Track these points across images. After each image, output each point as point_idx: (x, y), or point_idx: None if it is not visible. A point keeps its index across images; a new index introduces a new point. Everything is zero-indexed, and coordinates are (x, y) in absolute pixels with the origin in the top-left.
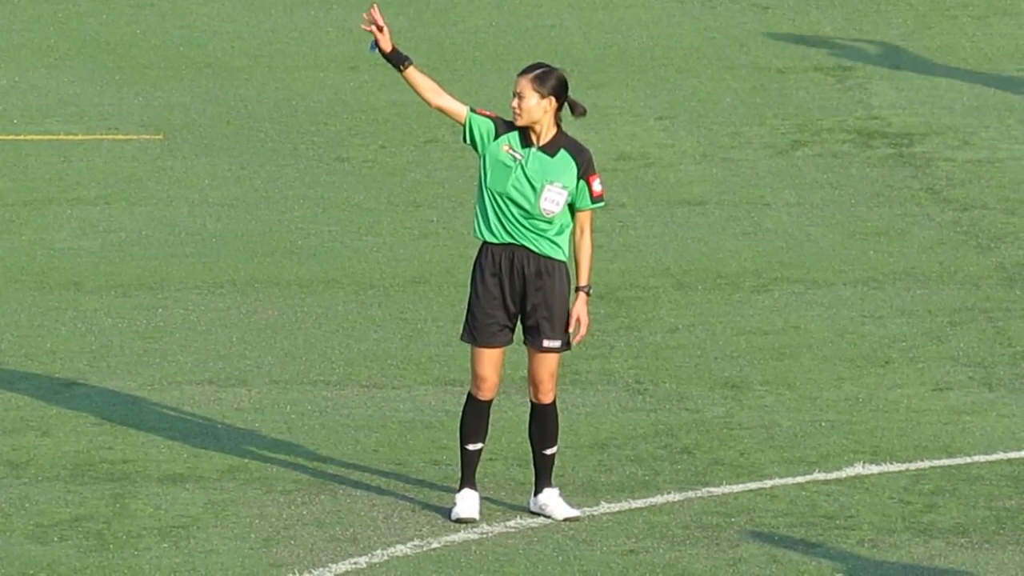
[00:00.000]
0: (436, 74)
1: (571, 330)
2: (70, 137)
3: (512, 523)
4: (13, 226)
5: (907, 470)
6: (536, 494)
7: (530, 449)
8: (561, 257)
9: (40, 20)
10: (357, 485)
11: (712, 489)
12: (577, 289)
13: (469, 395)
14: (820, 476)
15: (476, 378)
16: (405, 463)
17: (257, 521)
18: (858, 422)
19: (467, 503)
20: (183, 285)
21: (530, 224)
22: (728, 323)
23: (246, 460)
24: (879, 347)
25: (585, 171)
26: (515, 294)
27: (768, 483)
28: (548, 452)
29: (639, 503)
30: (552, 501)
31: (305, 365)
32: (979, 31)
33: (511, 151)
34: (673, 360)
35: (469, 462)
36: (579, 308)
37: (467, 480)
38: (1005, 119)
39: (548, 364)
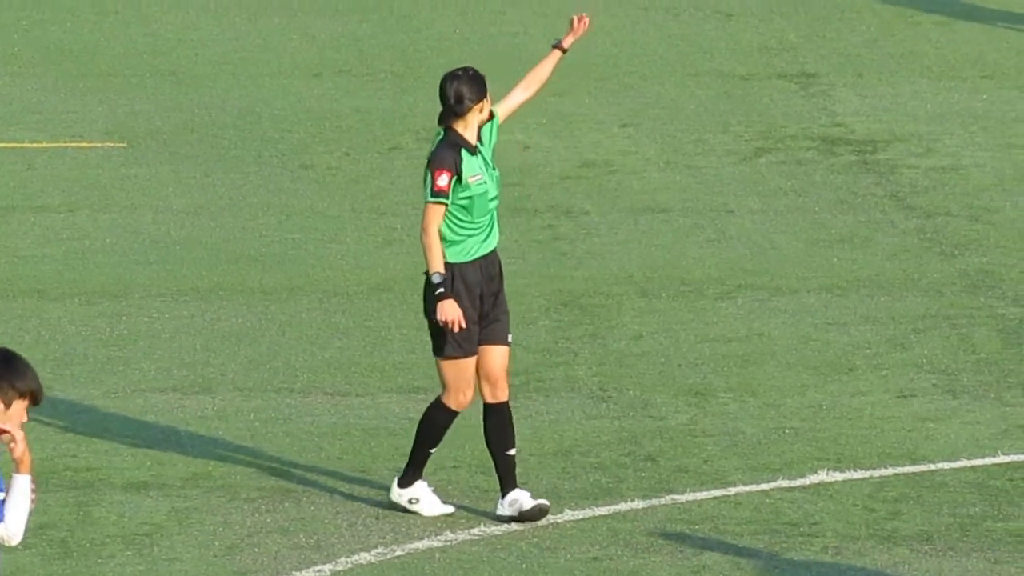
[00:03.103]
0: (400, 81)
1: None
2: (34, 145)
3: (476, 531)
4: None
5: (871, 477)
6: (504, 496)
7: (491, 456)
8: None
9: (3, 28)
10: (321, 492)
11: (676, 496)
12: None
13: (446, 408)
14: (784, 483)
15: (460, 392)
16: (369, 470)
17: (221, 529)
18: (822, 429)
19: (430, 499)
20: (147, 293)
21: (496, 205)
22: (692, 330)
23: (210, 468)
24: (843, 354)
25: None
26: (488, 298)
27: (732, 490)
28: (511, 453)
29: (603, 510)
30: (521, 496)
31: (269, 372)
32: (942, 38)
33: (476, 176)
34: (637, 367)
35: (425, 463)
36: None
37: (419, 475)
38: (969, 126)
39: (505, 358)
